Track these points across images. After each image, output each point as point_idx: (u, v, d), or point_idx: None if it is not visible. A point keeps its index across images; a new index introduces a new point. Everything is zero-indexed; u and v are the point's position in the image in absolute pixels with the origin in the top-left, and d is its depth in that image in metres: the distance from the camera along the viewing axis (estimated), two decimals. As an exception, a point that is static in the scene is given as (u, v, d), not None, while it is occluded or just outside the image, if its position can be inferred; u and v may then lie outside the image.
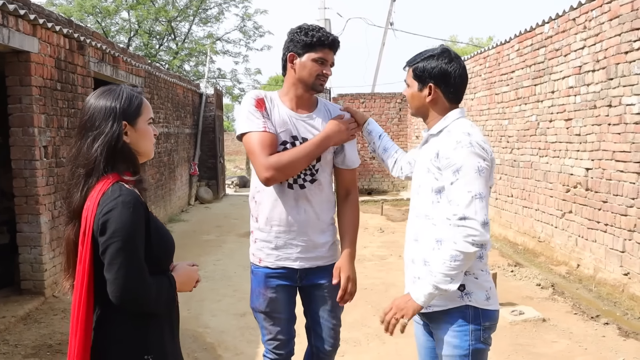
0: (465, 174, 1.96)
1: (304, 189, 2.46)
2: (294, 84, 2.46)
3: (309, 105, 2.52)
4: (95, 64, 7.06)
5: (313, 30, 2.39)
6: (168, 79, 11.06)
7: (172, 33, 23.87)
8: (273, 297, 2.52)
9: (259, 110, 2.41)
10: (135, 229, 1.59)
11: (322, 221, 2.52)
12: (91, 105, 1.73)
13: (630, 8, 5.21)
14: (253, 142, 2.38)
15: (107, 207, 1.59)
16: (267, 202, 2.48)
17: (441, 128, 2.13)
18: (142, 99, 1.80)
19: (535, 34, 7.39)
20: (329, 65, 2.43)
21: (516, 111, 8.05)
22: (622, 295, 5.33)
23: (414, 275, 2.17)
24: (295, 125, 2.45)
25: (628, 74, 5.26)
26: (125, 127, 1.72)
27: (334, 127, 2.44)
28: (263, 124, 2.38)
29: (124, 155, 1.72)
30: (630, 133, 5.23)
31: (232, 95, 25.04)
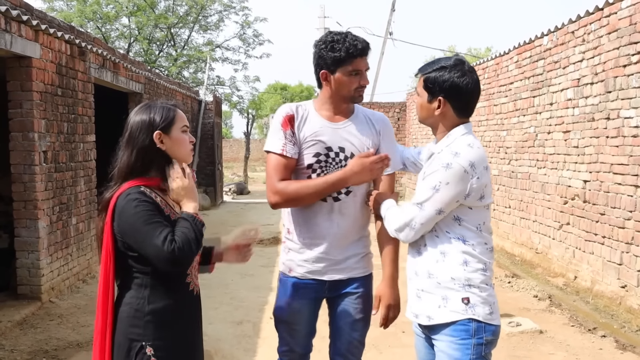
0: (425, 184, 2.06)
1: (338, 201, 2.38)
2: (331, 97, 2.38)
3: (346, 113, 2.42)
4: (96, 70, 7.08)
5: (339, 42, 2.27)
6: (167, 85, 11.08)
7: (171, 40, 23.93)
8: (297, 308, 2.45)
9: (284, 129, 2.34)
10: (144, 215, 1.82)
11: (355, 233, 2.44)
12: (130, 120, 2.00)
13: (629, 22, 5.26)
14: (269, 163, 2.38)
15: (119, 207, 1.86)
16: (299, 214, 2.42)
17: (444, 146, 2.11)
18: (176, 110, 2.01)
19: (534, 46, 7.44)
20: (364, 73, 2.33)
21: (514, 122, 8.09)
22: (620, 307, 5.33)
23: (417, 288, 2.15)
24: (330, 136, 2.36)
25: (626, 87, 5.30)
26: (160, 135, 1.95)
27: (356, 166, 2.26)
28: (282, 145, 2.33)
29: (157, 161, 1.95)
30: (628, 146, 5.26)
31: (230, 102, 25.07)
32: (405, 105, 15.67)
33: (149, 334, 1.88)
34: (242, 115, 26.78)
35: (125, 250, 1.89)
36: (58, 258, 5.96)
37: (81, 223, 6.64)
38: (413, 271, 2.19)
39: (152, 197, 1.89)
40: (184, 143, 2.01)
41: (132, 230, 1.84)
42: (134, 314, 1.89)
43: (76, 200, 6.49)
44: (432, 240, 2.11)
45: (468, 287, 2.05)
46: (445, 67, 2.08)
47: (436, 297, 2.08)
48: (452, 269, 2.06)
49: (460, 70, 2.07)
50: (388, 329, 2.46)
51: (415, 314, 2.16)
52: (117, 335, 1.90)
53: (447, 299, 2.06)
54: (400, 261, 2.40)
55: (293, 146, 2.35)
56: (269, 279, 6.29)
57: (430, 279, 2.09)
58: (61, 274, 6.01)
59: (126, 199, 1.86)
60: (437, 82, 2.08)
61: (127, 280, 1.93)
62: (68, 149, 6.25)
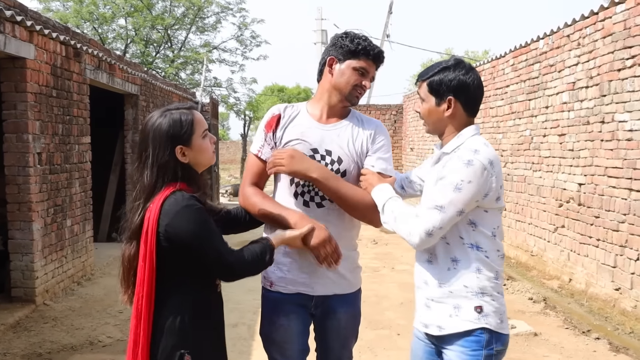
0: (443, 184, 1.94)
1: (322, 207, 2.22)
2: (327, 90, 2.26)
3: (339, 114, 2.30)
4: (92, 72, 7.07)
5: (359, 38, 2.22)
6: (164, 87, 11.07)
7: (168, 41, 23.91)
8: (285, 325, 2.26)
9: (266, 131, 2.27)
10: (205, 221, 1.83)
11: (342, 246, 2.21)
12: (147, 131, 1.89)
13: (623, 27, 5.28)
14: (247, 163, 2.35)
15: (170, 216, 1.79)
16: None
17: (455, 147, 2.03)
18: (192, 117, 1.91)
19: (530, 49, 7.46)
20: (369, 78, 2.25)
21: (510, 125, 8.10)
22: (613, 310, 5.35)
23: (427, 297, 2.06)
24: (317, 137, 2.23)
25: (621, 91, 5.31)
26: (182, 150, 1.88)
27: (293, 235, 2.09)
28: (259, 147, 2.27)
29: (181, 173, 1.88)
30: (623, 149, 5.27)
31: (227, 104, 25.06)
32: (402, 108, 15.69)
33: (187, 343, 1.84)
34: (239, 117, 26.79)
35: (171, 257, 1.81)
36: (52, 260, 5.94)
37: (76, 225, 6.62)
38: (422, 280, 2.09)
39: (200, 201, 1.87)
40: (206, 150, 1.94)
41: (193, 234, 1.79)
42: (171, 325, 1.84)
43: (71, 202, 6.47)
44: (443, 248, 2.02)
45: (481, 295, 1.98)
46: (448, 68, 2.05)
47: (447, 307, 2.00)
48: (465, 277, 1.99)
49: (463, 68, 2.05)
50: (384, 330, 2.43)
51: (425, 324, 2.08)
52: (155, 349, 1.83)
53: (459, 308, 1.98)
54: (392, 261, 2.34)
55: (270, 150, 2.26)
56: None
57: (442, 287, 2.01)
58: (55, 276, 5.99)
59: (180, 205, 1.79)
60: (443, 83, 2.04)
61: (163, 294, 1.85)
62: (63, 151, 6.24)
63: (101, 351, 4.46)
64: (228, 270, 1.87)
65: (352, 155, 2.24)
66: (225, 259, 1.84)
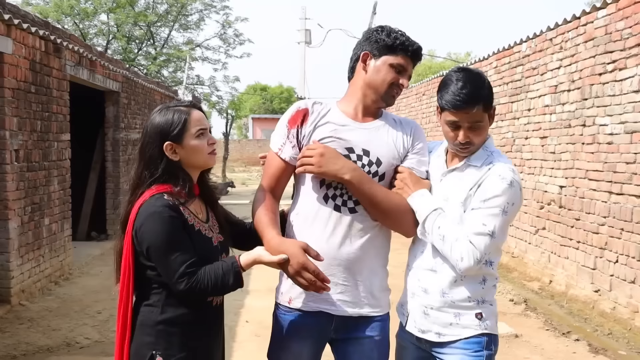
0: (490, 207, 1.87)
1: (354, 213, 1.98)
2: (361, 89, 2.04)
3: (373, 114, 2.07)
4: (72, 68, 6.95)
5: (396, 32, 2.02)
6: (146, 84, 10.94)
7: (151, 38, 23.67)
8: (297, 351, 2.03)
9: (289, 127, 2.02)
10: (168, 233, 1.75)
11: (374, 258, 2.02)
12: (144, 127, 1.89)
13: (604, 32, 5.33)
14: (265, 164, 2.10)
15: (141, 219, 1.78)
16: (305, 226, 2.01)
17: (483, 160, 1.96)
18: (189, 113, 1.86)
19: (513, 52, 7.51)
20: (407, 76, 2.03)
21: (492, 127, 8.12)
22: (593, 311, 5.40)
23: (425, 305, 1.99)
24: (353, 135, 2.00)
25: (602, 95, 5.37)
26: (172, 147, 1.84)
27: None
28: (281, 145, 2.03)
29: (173, 172, 1.84)
30: (603, 153, 5.33)
31: (209, 102, 24.89)
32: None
33: (160, 343, 1.81)
34: (221, 115, 26.59)
35: (144, 261, 1.81)
36: (29, 259, 5.82)
37: (54, 224, 6.51)
38: (421, 288, 2.01)
39: (178, 208, 1.80)
40: (199, 150, 1.86)
41: (153, 245, 1.76)
42: (147, 323, 1.83)
43: (49, 201, 6.35)
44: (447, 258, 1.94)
45: (482, 303, 1.96)
46: (483, 79, 1.94)
47: (448, 315, 1.96)
48: (470, 288, 1.95)
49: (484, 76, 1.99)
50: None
51: (422, 329, 2.01)
52: (133, 344, 1.84)
53: (459, 316, 1.96)
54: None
55: (292, 149, 2.01)
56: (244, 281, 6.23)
57: (444, 297, 1.95)
58: (32, 275, 5.88)
59: (150, 210, 1.77)
60: (491, 98, 1.95)
61: (145, 290, 1.86)
62: (41, 148, 6.12)
63: (78, 353, 4.38)
64: (182, 293, 1.77)
65: (393, 157, 2.02)
66: (179, 281, 1.75)
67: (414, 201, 1.97)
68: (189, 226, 1.82)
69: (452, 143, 1.96)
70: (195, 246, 1.81)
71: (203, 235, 1.88)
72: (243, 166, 34.48)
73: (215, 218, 2.00)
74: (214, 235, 1.93)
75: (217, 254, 1.91)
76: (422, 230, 1.96)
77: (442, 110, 1.94)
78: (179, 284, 1.74)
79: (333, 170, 1.91)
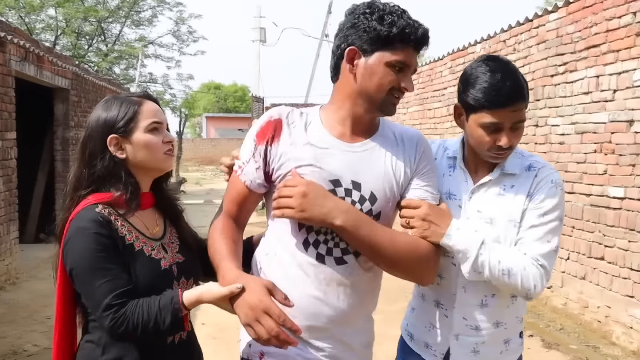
0: (550, 221, 1.61)
1: (343, 265, 1.54)
2: (349, 97, 1.55)
3: (368, 129, 1.60)
4: (17, 63, 6.67)
5: (393, 14, 1.48)
6: (97, 82, 10.63)
7: (102, 34, 23.03)
8: None
9: (257, 141, 1.57)
10: (93, 255, 1.44)
11: (362, 313, 1.64)
12: (88, 120, 1.59)
13: (556, 34, 5.48)
14: (230, 180, 1.66)
15: (68, 236, 1.47)
16: (277, 274, 1.56)
17: (519, 164, 1.69)
18: (141, 103, 1.57)
19: (467, 52, 7.64)
20: (410, 73, 1.53)
21: (447, 127, 8.28)
22: (545, 307, 5.55)
23: (476, 343, 1.70)
24: (339, 162, 1.53)
25: (553, 96, 5.52)
26: (117, 141, 1.54)
27: (244, 307, 1.38)
28: (243, 163, 1.59)
29: (116, 173, 1.54)
30: (555, 152, 5.48)
31: (163, 100, 24.42)
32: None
33: None
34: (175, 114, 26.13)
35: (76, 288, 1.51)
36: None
37: (0, 226, 6.22)
38: (470, 327, 1.70)
39: (110, 224, 1.47)
40: (151, 148, 1.55)
41: (75, 269, 1.45)
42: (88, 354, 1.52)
43: (-6, 202, 6.07)
44: (497, 286, 1.65)
45: (521, 319, 1.78)
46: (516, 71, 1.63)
47: (499, 345, 1.73)
48: (519, 308, 1.75)
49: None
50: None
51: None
52: None
53: (509, 342, 1.75)
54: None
55: (255, 172, 1.57)
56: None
57: (498, 328, 1.70)
58: (-24, 280, 5.60)
59: (75, 225, 1.47)
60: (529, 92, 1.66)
61: (88, 321, 1.55)
62: (-15, 147, 5.84)
63: (27, 361, 4.20)
64: (108, 330, 1.43)
65: (391, 190, 1.57)
66: (104, 315, 1.41)
67: (453, 241, 1.56)
68: (126, 246, 1.48)
69: (486, 150, 1.61)
70: (135, 271, 1.48)
71: (146, 257, 1.52)
72: (197, 165, 34.02)
73: (177, 235, 1.67)
74: (167, 256, 1.57)
75: (169, 279, 1.54)
76: (471, 271, 1.58)
77: (474, 111, 1.59)
78: (103, 319, 1.41)
79: (319, 215, 1.46)
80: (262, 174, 1.57)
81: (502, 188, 1.66)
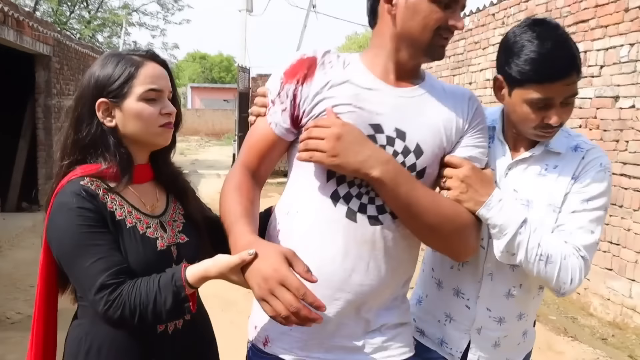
0: (595, 209, 1.44)
1: (377, 225, 1.32)
2: (391, 40, 1.33)
3: (412, 76, 1.39)
4: (-3, 28, 6.50)
5: None
6: (80, 49, 10.41)
7: (84, 1, 22.53)
8: None
9: (285, 80, 1.36)
10: (77, 231, 1.26)
11: (395, 286, 1.41)
12: (81, 79, 1.41)
13: (545, 9, 5.46)
14: (252, 126, 1.45)
15: (51, 212, 1.30)
16: (299, 234, 1.36)
17: (565, 143, 1.49)
18: (137, 66, 1.34)
19: (455, 26, 7.60)
20: (459, 9, 1.31)
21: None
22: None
23: (498, 337, 1.55)
24: (382, 105, 1.32)
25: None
26: (106, 106, 1.34)
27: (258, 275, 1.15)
28: (271, 110, 1.38)
29: (104, 143, 1.35)
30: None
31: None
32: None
33: None
34: (160, 83, 25.86)
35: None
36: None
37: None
38: (493, 318, 1.53)
39: (95, 198, 1.29)
40: (145, 119, 1.33)
41: (59, 248, 1.29)
42: (74, 351, 1.36)
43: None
44: (527, 276, 1.48)
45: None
46: (569, 37, 1.41)
47: (517, 337, 1.59)
48: (539, 299, 1.60)
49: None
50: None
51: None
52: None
53: (526, 333, 1.61)
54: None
55: (281, 114, 1.36)
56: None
57: (521, 320, 1.56)
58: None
59: (58, 200, 1.29)
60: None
61: (78, 305, 1.39)
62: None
63: (9, 329, 4.19)
64: (102, 316, 1.24)
65: (440, 145, 1.35)
66: (97, 298, 1.22)
67: (491, 212, 1.36)
68: (116, 222, 1.31)
69: (532, 128, 1.42)
70: (126, 251, 1.30)
71: (139, 235, 1.33)
72: (181, 136, 33.74)
73: (182, 212, 1.48)
74: (165, 236, 1.39)
75: (166, 262, 1.35)
76: (504, 251, 1.39)
77: (519, 85, 1.39)
78: (97, 303, 1.22)
79: (355, 162, 1.25)
80: (289, 117, 1.36)
81: (544, 167, 1.47)
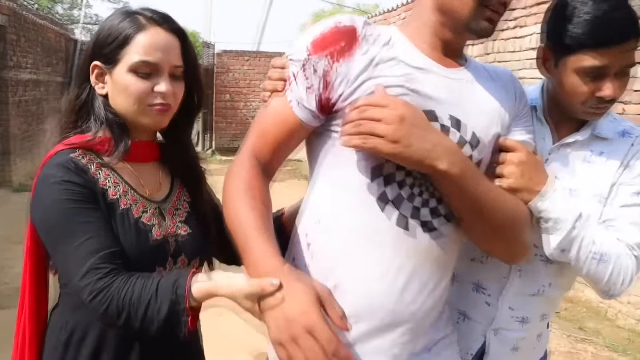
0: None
1: (431, 232, 1.09)
2: (433, 12, 1.13)
3: (456, 56, 1.17)
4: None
5: None
6: (38, 20, 10.08)
7: (42, -30, 21.75)
8: None
9: (314, 52, 1.08)
10: (63, 207, 1.09)
11: (439, 302, 1.19)
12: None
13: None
14: (267, 105, 1.15)
15: (36, 185, 1.14)
16: (334, 249, 1.10)
17: (613, 128, 1.32)
18: (136, 30, 1.15)
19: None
20: None
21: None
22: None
23: (518, 338, 1.39)
24: (435, 89, 1.10)
25: (503, 50, 5.63)
26: (99, 71, 1.18)
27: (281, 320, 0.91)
28: (292, 86, 1.10)
29: (91, 109, 1.20)
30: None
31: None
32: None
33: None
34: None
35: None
36: None
37: None
38: (515, 318, 1.37)
39: (85, 172, 1.13)
40: (130, 94, 1.15)
41: (45, 227, 1.13)
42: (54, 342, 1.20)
43: None
44: (560, 274, 1.35)
45: None
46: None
47: (534, 339, 1.45)
48: (560, 299, 1.47)
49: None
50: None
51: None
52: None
53: (541, 335, 1.47)
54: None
55: (306, 93, 1.08)
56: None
57: (543, 321, 1.42)
58: None
59: (43, 175, 1.13)
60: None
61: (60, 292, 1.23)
62: None
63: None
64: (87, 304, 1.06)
65: (496, 134, 1.16)
66: (82, 285, 1.05)
67: (547, 204, 1.19)
68: (108, 202, 1.14)
69: (581, 102, 1.25)
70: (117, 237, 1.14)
71: (133, 219, 1.16)
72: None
73: (188, 200, 1.30)
74: (163, 224, 1.21)
75: (160, 254, 1.18)
76: (557, 247, 1.23)
77: (571, 52, 1.22)
78: (82, 290, 1.05)
79: (420, 151, 1.00)
80: (314, 99, 1.08)
81: (589, 153, 1.31)
